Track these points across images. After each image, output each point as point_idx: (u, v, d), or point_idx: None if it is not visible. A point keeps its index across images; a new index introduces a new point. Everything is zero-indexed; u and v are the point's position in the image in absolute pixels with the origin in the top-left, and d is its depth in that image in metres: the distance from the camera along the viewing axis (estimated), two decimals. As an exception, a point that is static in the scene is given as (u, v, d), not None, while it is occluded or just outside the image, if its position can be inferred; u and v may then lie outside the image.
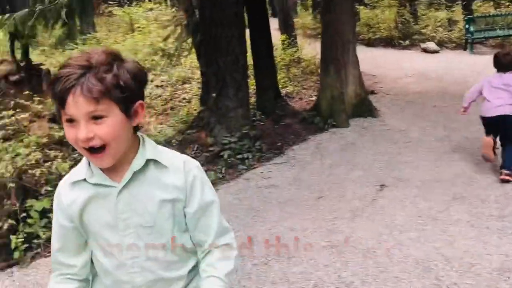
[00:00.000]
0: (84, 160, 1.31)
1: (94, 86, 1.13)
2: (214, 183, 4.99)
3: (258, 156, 5.65)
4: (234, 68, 5.86)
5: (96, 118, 1.15)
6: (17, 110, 4.46)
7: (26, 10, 4.88)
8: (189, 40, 7.42)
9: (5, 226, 3.78)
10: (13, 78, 5.47)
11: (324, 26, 6.94)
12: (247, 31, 6.94)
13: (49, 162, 4.33)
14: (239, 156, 5.52)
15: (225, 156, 5.43)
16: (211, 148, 5.63)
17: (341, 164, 5.25)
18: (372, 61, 11.16)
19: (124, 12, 18.92)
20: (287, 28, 12.83)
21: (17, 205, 4.00)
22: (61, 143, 5.25)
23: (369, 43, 14.45)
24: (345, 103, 6.73)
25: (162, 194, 1.29)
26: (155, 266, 1.34)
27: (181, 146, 5.78)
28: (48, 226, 4.01)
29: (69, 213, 1.31)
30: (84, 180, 1.28)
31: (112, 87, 1.15)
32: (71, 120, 1.16)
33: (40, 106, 4.73)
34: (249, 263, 3.32)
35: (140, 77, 1.23)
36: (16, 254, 3.68)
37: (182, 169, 1.31)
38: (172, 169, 1.30)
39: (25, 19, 4.82)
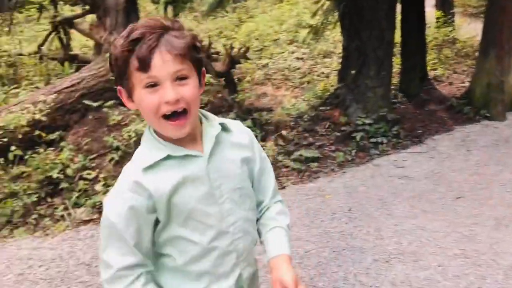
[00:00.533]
0: (150, 142, 1.20)
1: (179, 43, 1.09)
2: (341, 165, 4.82)
3: (393, 142, 5.26)
4: (378, 43, 5.46)
5: (180, 79, 1.11)
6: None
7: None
8: (336, 13, 7.11)
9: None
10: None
11: (490, 3, 6.08)
12: (399, 6, 6.41)
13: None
14: (373, 140, 5.19)
15: (357, 138, 5.15)
16: (343, 128, 5.38)
17: (490, 162, 4.61)
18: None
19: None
20: (444, 4, 11.69)
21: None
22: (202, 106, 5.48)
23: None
24: (504, 93, 5.88)
25: (239, 153, 1.28)
26: (251, 227, 1.33)
27: (313, 122, 5.63)
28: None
29: (154, 202, 1.17)
30: (166, 158, 1.17)
31: (191, 46, 1.12)
32: (153, 85, 1.10)
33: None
34: (370, 258, 3.10)
35: (199, 45, 1.18)
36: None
37: (243, 130, 1.33)
38: (235, 131, 1.30)
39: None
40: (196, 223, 1.22)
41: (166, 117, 1.12)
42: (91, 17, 6.73)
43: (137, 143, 1.61)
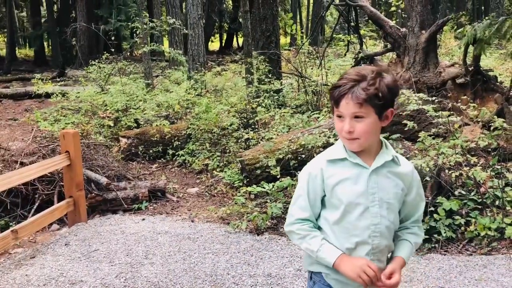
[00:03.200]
0: (339, 145, 1.76)
1: (360, 95, 1.60)
2: None
3: None
4: None
5: (357, 117, 1.63)
6: (451, 112, 4.71)
7: (488, 21, 5.00)
8: None
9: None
10: (459, 81, 5.76)
11: None
12: None
13: (468, 168, 4.40)
14: None
15: None
16: None
17: None
18: None
19: None
20: None
21: (429, 198, 4.34)
22: (487, 151, 5.21)
23: None
24: None
25: (398, 181, 1.75)
26: (388, 234, 1.76)
27: None
28: (451, 227, 4.18)
29: (326, 184, 1.73)
30: (344, 159, 1.72)
31: (373, 97, 1.60)
32: (340, 116, 1.67)
33: (474, 112, 4.81)
34: None
35: (394, 89, 1.67)
36: (415, 241, 4.05)
37: (409, 168, 1.79)
38: (403, 165, 1.77)
39: (485, 28, 4.93)
40: (357, 210, 1.72)
41: (345, 137, 1.69)
42: (390, 55, 7.22)
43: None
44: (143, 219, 4.92)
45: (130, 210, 5.22)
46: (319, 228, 1.81)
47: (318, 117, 6.40)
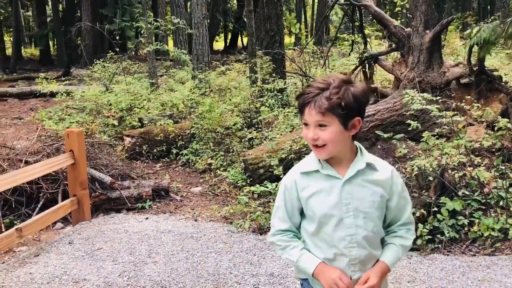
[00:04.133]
0: (312, 157, 1.75)
1: (323, 104, 1.58)
2: None
3: None
4: None
5: (321, 125, 1.62)
6: (455, 112, 4.69)
7: (497, 21, 4.99)
8: None
9: (417, 214, 4.18)
10: (464, 81, 5.74)
11: None
12: None
13: (472, 168, 4.39)
14: None
15: None
16: None
17: None
18: None
19: None
20: None
21: (433, 198, 4.33)
22: (491, 151, 5.18)
23: None
24: None
25: (375, 188, 1.71)
26: (368, 244, 1.72)
27: None
28: (454, 227, 4.17)
29: (300, 196, 1.74)
30: (317, 171, 1.71)
31: (335, 106, 1.58)
32: (306, 124, 1.66)
33: (478, 112, 4.79)
34: None
35: (361, 99, 1.63)
36: (418, 242, 4.05)
37: (387, 172, 1.74)
38: (381, 171, 1.73)
39: (493, 30, 4.92)
40: (331, 222, 1.71)
41: (314, 146, 1.68)
42: (395, 55, 7.20)
43: (419, 176, 1.89)
44: (147, 218, 4.94)
45: (134, 209, 5.24)
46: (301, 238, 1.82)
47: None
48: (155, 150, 6.94)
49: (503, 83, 5.80)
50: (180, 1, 14.36)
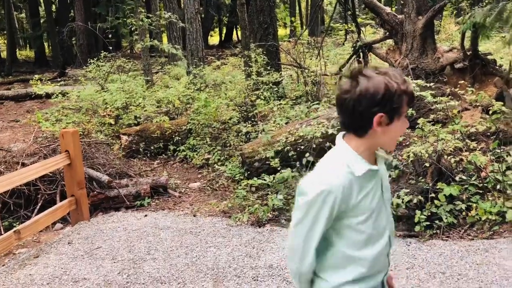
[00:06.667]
0: (351, 158, 1.49)
1: None
2: None
3: None
4: None
5: None
6: (450, 98, 4.69)
7: (488, 7, 4.97)
8: None
9: (415, 200, 4.19)
10: (458, 65, 5.72)
11: None
12: None
13: (468, 153, 4.39)
14: None
15: None
16: None
17: None
18: None
19: None
20: None
21: (430, 185, 4.33)
22: (487, 135, 5.18)
23: None
24: None
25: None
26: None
27: None
28: (452, 212, 4.18)
29: (351, 204, 1.48)
30: (368, 170, 1.49)
31: None
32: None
33: (473, 97, 4.78)
34: None
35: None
36: (417, 228, 4.06)
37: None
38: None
39: (485, 14, 4.90)
40: (372, 226, 1.55)
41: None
42: (389, 42, 7.17)
43: (415, 163, 1.86)
44: (146, 216, 4.94)
45: (133, 207, 5.24)
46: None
47: (318, 108, 6.38)
48: (152, 148, 6.93)
49: (497, 67, 5.79)
50: (173, -4, 14.29)
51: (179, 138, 6.85)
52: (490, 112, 4.80)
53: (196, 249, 3.98)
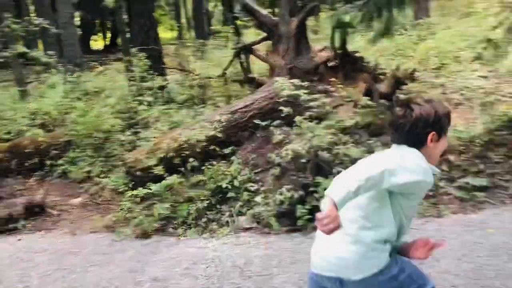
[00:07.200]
0: (423, 164, 1.87)
1: None
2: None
3: None
4: None
5: None
6: (323, 95, 4.93)
7: (349, 5, 5.29)
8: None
9: (295, 195, 4.33)
10: (330, 64, 6.06)
11: None
12: None
13: (343, 146, 4.64)
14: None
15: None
16: (520, 157, 4.83)
17: None
18: None
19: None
20: None
21: (310, 179, 4.51)
22: (361, 128, 5.52)
23: None
24: None
25: None
26: None
27: (486, 148, 5.19)
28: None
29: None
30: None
31: None
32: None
33: (344, 93, 5.09)
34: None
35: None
36: (300, 222, 4.20)
37: None
38: None
39: (346, 12, 5.22)
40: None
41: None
42: (269, 43, 7.35)
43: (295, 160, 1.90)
44: (19, 240, 4.53)
45: (5, 231, 4.77)
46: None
47: (202, 111, 6.35)
48: (26, 164, 6.36)
49: (365, 64, 6.22)
50: (45, 1, 13.31)
51: (57, 152, 6.37)
52: (359, 106, 5.14)
53: (76, 270, 3.72)
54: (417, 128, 1.89)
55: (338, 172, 4.67)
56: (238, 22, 7.44)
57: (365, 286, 1.88)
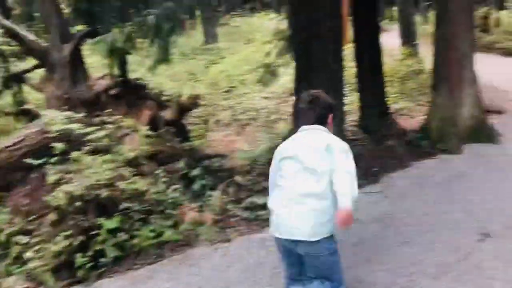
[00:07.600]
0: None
1: None
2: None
3: (348, 182, 5.12)
4: (328, 85, 5.39)
5: None
6: (104, 126, 4.59)
7: (116, 31, 5.09)
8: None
9: (75, 242, 3.86)
10: (112, 92, 5.73)
11: (437, 39, 6.11)
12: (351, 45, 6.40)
13: (123, 181, 4.34)
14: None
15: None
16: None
17: (442, 200, 4.49)
18: (509, 75, 9.77)
19: (247, 22, 19.43)
20: (408, 37, 11.87)
21: (92, 221, 4.08)
22: (149, 158, 5.30)
23: (509, 53, 12.81)
24: (457, 126, 5.84)
25: None
26: None
27: (268, 166, 5.50)
28: (119, 245, 4.02)
29: None
30: None
31: None
32: None
33: (129, 122, 4.83)
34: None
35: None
36: (80, 273, 3.74)
37: None
38: None
39: (115, 38, 5.00)
40: None
41: None
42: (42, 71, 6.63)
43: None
44: None
45: None
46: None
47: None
48: None
49: (149, 91, 6.07)
50: None
51: None
52: (143, 135, 4.94)
53: None
54: (323, 110, 2.61)
55: (126, 208, 4.39)
56: (4, 47, 6.55)
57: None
